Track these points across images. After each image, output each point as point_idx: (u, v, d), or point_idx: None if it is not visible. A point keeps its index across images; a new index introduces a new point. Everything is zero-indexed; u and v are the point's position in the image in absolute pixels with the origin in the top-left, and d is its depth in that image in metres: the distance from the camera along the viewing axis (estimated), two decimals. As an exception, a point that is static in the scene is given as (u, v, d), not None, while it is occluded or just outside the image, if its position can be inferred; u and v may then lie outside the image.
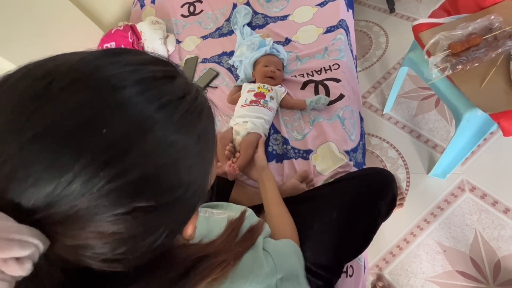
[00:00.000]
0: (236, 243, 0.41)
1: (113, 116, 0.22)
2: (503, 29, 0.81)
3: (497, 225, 1.02)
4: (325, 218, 0.67)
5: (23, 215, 0.19)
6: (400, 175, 1.22)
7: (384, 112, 1.39)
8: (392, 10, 1.70)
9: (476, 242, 1.02)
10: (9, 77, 0.22)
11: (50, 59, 0.24)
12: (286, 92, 1.02)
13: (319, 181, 0.83)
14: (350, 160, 0.85)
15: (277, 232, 0.63)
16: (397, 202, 0.84)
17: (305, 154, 0.90)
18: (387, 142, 1.32)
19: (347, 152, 0.86)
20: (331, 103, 0.96)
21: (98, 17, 1.60)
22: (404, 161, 1.26)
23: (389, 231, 1.11)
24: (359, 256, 0.78)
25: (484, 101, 0.76)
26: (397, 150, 1.29)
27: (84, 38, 1.45)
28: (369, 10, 1.80)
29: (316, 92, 1.00)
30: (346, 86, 0.98)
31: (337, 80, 0.99)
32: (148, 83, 0.24)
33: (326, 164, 0.85)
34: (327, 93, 0.99)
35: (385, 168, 1.25)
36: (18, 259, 0.18)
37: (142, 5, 1.72)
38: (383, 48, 1.61)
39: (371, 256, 1.10)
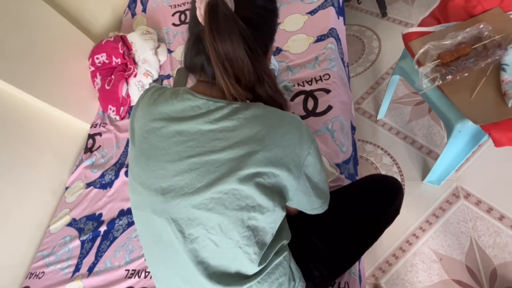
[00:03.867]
0: None
1: None
2: (493, 37, 0.80)
3: (492, 232, 1.01)
4: (329, 224, 0.67)
5: None
6: (394, 182, 1.21)
7: (378, 118, 1.39)
8: (384, 14, 1.69)
9: (471, 250, 1.01)
10: None
11: None
12: None
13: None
14: (342, 172, 0.84)
15: None
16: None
17: (297, 167, 0.89)
18: (382, 149, 1.32)
19: (338, 165, 0.85)
20: (319, 115, 0.95)
21: (89, 28, 1.59)
22: (398, 168, 1.25)
23: (385, 240, 1.11)
24: (353, 270, 0.77)
25: (474, 112, 0.75)
26: (391, 157, 1.28)
27: (74, 50, 1.44)
28: (361, 15, 1.80)
29: (305, 104, 0.99)
30: (337, 96, 0.98)
31: (327, 91, 0.98)
32: None
33: (317, 178, 0.84)
34: (316, 105, 0.98)
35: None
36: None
37: (133, 14, 1.72)
38: (376, 53, 1.61)
39: (367, 265, 1.09)
